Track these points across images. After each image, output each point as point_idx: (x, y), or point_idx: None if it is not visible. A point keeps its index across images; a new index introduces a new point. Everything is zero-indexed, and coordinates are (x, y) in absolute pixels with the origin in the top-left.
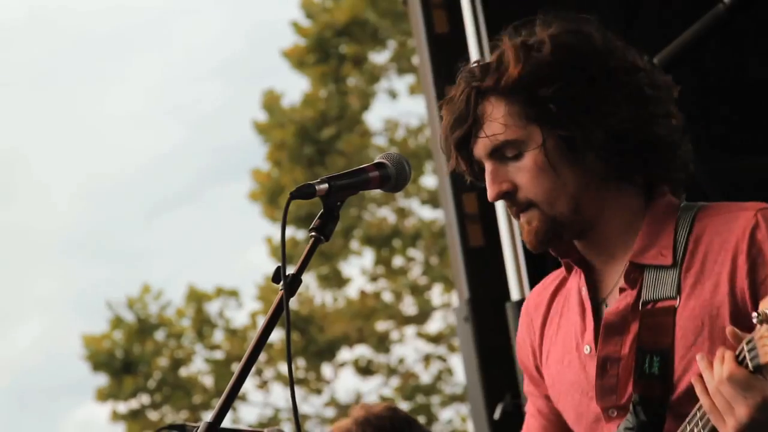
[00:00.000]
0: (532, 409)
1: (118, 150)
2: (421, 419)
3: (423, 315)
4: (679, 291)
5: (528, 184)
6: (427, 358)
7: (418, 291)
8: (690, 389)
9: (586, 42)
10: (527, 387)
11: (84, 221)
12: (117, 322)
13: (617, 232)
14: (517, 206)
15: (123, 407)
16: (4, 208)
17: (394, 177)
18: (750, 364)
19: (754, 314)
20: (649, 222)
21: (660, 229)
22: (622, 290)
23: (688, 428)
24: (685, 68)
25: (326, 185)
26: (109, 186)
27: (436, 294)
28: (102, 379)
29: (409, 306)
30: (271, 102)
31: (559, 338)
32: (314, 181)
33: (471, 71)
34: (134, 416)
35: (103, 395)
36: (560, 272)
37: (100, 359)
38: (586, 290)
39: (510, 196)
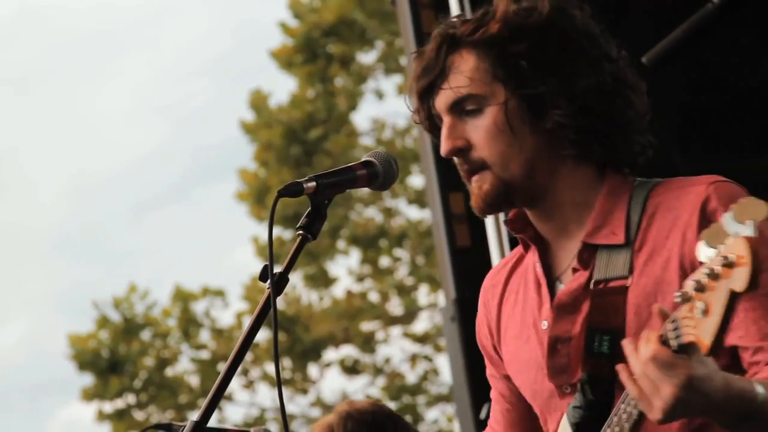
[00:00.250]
0: (494, 393)
1: (105, 148)
2: (407, 419)
3: (409, 315)
4: (631, 270)
5: (483, 143)
6: (413, 358)
7: (404, 291)
8: None
9: (568, 19)
10: (489, 370)
11: (70, 220)
12: (103, 322)
13: (570, 207)
14: (469, 165)
15: (109, 407)
16: None
17: (381, 175)
18: (674, 344)
19: (677, 294)
20: (602, 201)
21: (613, 208)
22: (575, 270)
23: (615, 420)
24: (673, 67)
25: (314, 183)
26: (96, 184)
27: (423, 294)
28: (88, 379)
29: (395, 306)
30: (258, 102)
31: (516, 314)
32: (302, 179)
33: (449, 22)
34: (120, 416)
35: (89, 395)
36: (518, 250)
37: (85, 359)
38: (540, 267)
39: (463, 153)
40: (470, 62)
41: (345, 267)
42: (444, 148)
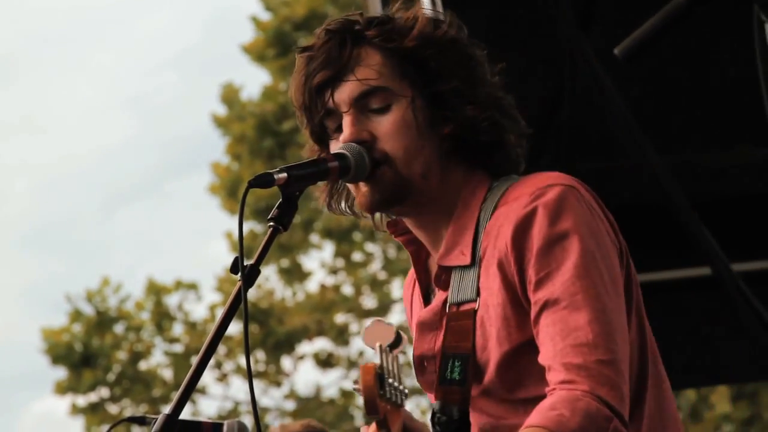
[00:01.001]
0: None
1: (75, 140)
2: None
3: (382, 308)
4: (477, 292)
5: (389, 137)
6: None
7: (377, 284)
8: (486, 385)
9: (466, 37)
10: None
11: (40, 212)
12: (76, 315)
13: (444, 214)
14: (373, 160)
15: (82, 400)
16: None
17: (352, 169)
18: None
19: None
20: (456, 217)
21: (464, 225)
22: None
23: None
24: (644, 60)
25: (285, 174)
26: (66, 177)
27: (396, 287)
28: (61, 372)
29: (368, 299)
30: (229, 95)
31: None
32: (273, 170)
33: (347, 21)
34: (93, 409)
35: (62, 388)
36: None
37: (59, 352)
38: (415, 274)
39: (367, 146)
40: (376, 57)
41: (318, 260)
42: (348, 134)
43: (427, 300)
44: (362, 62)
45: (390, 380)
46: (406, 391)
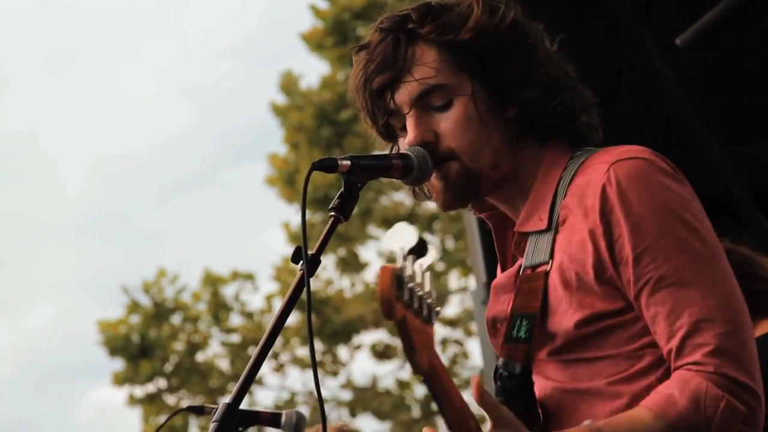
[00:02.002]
0: None
1: (132, 131)
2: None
3: (440, 299)
4: (551, 254)
5: (453, 133)
6: (443, 342)
7: (435, 275)
8: (556, 345)
9: (520, 17)
10: None
11: (97, 203)
12: (133, 307)
13: (520, 187)
14: (436, 157)
15: (139, 391)
16: (17, 188)
17: (415, 170)
18: None
19: None
20: (536, 186)
21: (544, 193)
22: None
23: None
24: (704, 50)
25: (349, 162)
26: (122, 168)
27: (454, 278)
28: (118, 364)
29: None
30: (288, 84)
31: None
32: (338, 156)
33: (400, 18)
34: (151, 400)
35: (120, 379)
36: None
37: (116, 344)
38: (496, 245)
39: (431, 146)
40: (432, 54)
41: (376, 250)
42: (412, 138)
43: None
44: (418, 61)
45: (410, 285)
46: (438, 308)
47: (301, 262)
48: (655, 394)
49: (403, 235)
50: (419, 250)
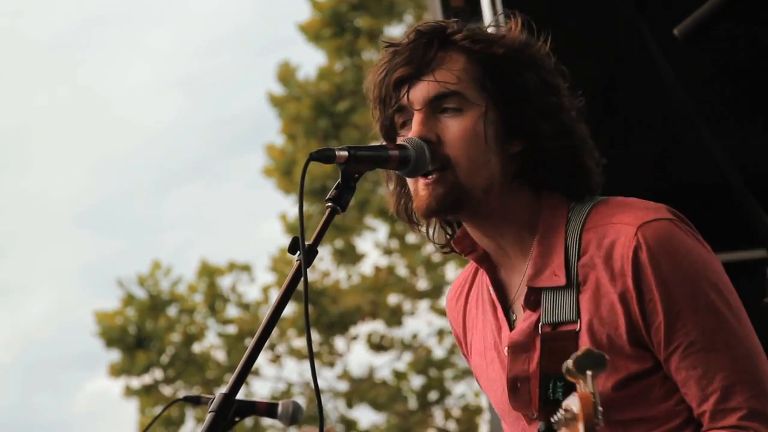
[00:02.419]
0: None
1: (128, 121)
2: (435, 393)
3: (436, 289)
4: (578, 313)
5: (456, 142)
6: (440, 333)
7: (432, 266)
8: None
9: (552, 63)
10: None
11: (93, 194)
12: (129, 300)
13: (511, 231)
14: (434, 162)
15: (136, 382)
16: (13, 180)
17: (413, 161)
18: None
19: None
20: (540, 238)
21: (551, 246)
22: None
23: None
24: (701, 41)
25: (346, 153)
26: (118, 159)
27: (450, 269)
28: (115, 355)
29: (422, 280)
30: (286, 74)
31: (478, 331)
32: (335, 147)
33: (439, 24)
34: (147, 391)
35: (116, 370)
36: (473, 263)
37: (112, 336)
38: (493, 291)
39: (431, 146)
40: (460, 63)
41: (372, 241)
42: (415, 132)
43: (506, 314)
44: (444, 65)
45: (600, 408)
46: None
47: (298, 252)
48: None
49: (594, 360)
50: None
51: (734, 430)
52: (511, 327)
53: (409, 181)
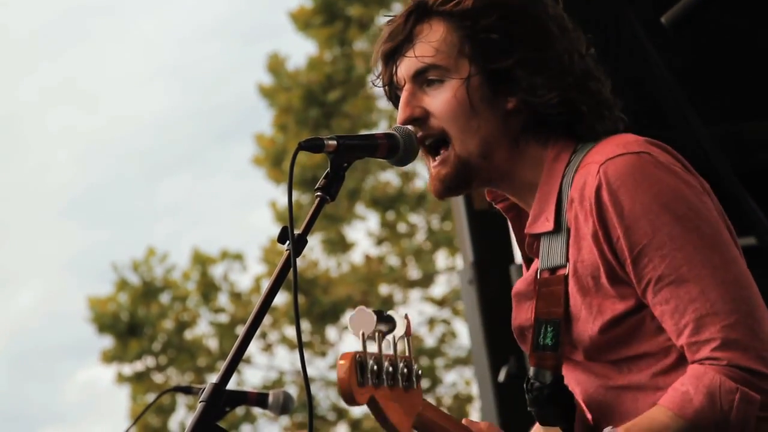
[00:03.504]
0: None
1: (118, 110)
2: (426, 382)
3: (427, 278)
4: (567, 257)
5: (442, 114)
6: (431, 322)
7: (422, 255)
8: (588, 350)
9: (542, 7)
10: None
11: (83, 183)
12: (122, 285)
13: (527, 187)
14: (430, 135)
15: (128, 369)
16: (3, 170)
17: (401, 150)
18: None
19: None
20: (542, 186)
21: (548, 192)
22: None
23: None
24: (689, 28)
25: (335, 142)
26: (108, 148)
27: (441, 257)
28: (106, 341)
29: (413, 270)
30: (275, 65)
31: None
32: (324, 137)
33: None
34: (139, 378)
35: (108, 357)
36: None
37: (105, 321)
38: (516, 240)
39: (420, 122)
40: (438, 32)
41: (363, 231)
42: (401, 116)
43: (528, 266)
44: (423, 38)
45: (375, 366)
46: (419, 371)
47: (288, 242)
48: (671, 391)
49: (362, 319)
50: (386, 325)
51: (708, 361)
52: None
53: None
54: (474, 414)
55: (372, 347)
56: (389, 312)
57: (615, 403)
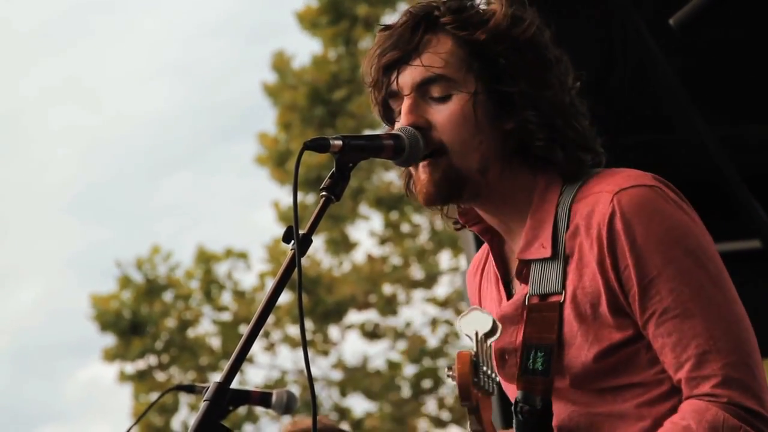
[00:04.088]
0: None
1: (122, 107)
2: (428, 382)
3: (430, 279)
4: (563, 285)
5: (446, 126)
6: (433, 322)
7: (425, 256)
8: (576, 377)
9: (545, 38)
10: None
11: (84, 181)
12: (125, 282)
13: (512, 208)
14: (428, 147)
15: (130, 368)
16: (5, 167)
17: (406, 151)
18: None
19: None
20: (533, 212)
21: (543, 219)
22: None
23: None
24: (696, 31)
25: (340, 142)
26: (110, 146)
27: (444, 258)
28: (108, 340)
29: (416, 270)
30: (280, 63)
31: (487, 305)
32: (329, 136)
33: (428, 5)
34: (141, 377)
35: (111, 356)
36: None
37: (107, 319)
38: (494, 263)
39: (422, 131)
40: (447, 45)
41: (366, 230)
42: (404, 120)
43: (507, 291)
44: (431, 48)
45: (484, 368)
46: (498, 379)
47: (293, 242)
48: (670, 425)
49: (479, 320)
50: (493, 330)
51: (707, 398)
52: (510, 299)
53: (411, 167)
54: None
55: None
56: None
57: (592, 429)
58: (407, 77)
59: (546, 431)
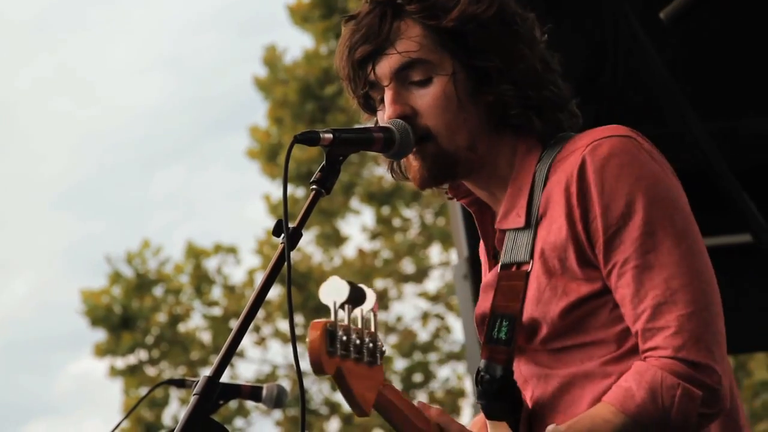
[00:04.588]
0: None
1: (113, 101)
2: (419, 377)
3: (421, 273)
4: (531, 254)
5: (431, 111)
6: (425, 316)
7: (416, 249)
8: (543, 337)
9: (509, 5)
10: None
11: (77, 174)
12: (116, 277)
13: (499, 179)
14: (415, 134)
15: (121, 362)
16: None
17: (396, 144)
18: None
19: None
20: (513, 181)
21: (520, 187)
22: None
23: None
24: (687, 24)
25: (331, 135)
26: (102, 139)
27: (435, 252)
28: (99, 335)
29: (407, 265)
30: (272, 58)
31: (486, 276)
32: (320, 129)
33: None
34: (132, 371)
35: (101, 350)
36: None
37: (98, 314)
38: (481, 234)
39: (409, 120)
40: (416, 30)
41: (357, 225)
42: (391, 112)
43: (496, 261)
44: (403, 35)
45: (344, 337)
46: (384, 348)
47: (283, 235)
48: (615, 388)
49: (336, 289)
50: (357, 298)
51: (656, 350)
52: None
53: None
54: (466, 409)
55: (341, 319)
56: (361, 285)
57: (561, 390)
58: (384, 67)
59: (507, 400)
